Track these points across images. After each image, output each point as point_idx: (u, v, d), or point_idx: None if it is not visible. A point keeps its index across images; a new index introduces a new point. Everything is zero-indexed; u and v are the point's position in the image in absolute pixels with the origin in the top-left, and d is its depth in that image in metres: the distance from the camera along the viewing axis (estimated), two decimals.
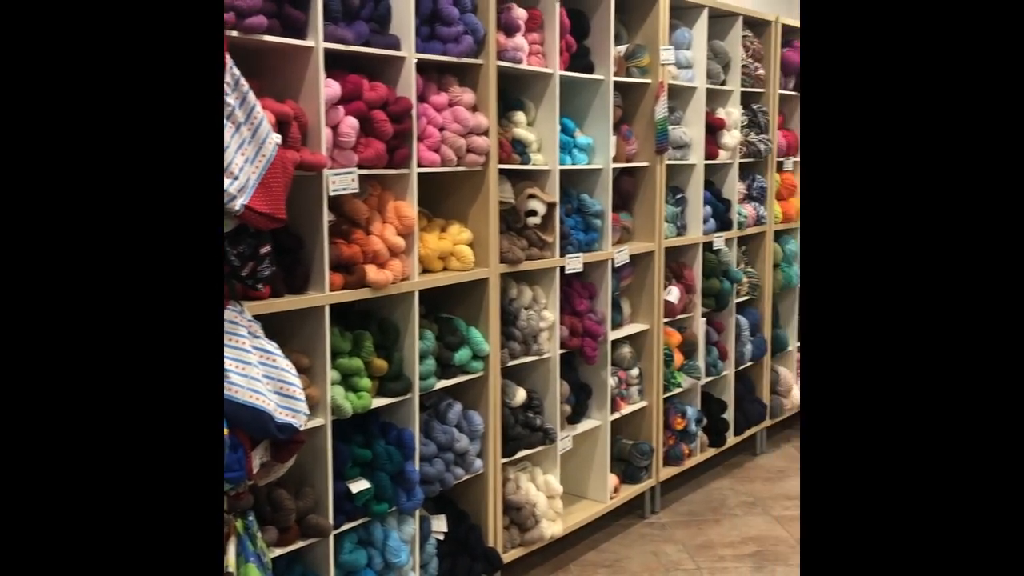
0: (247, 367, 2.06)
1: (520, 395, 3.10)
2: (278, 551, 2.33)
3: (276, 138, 2.13)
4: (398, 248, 2.58)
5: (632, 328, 3.68)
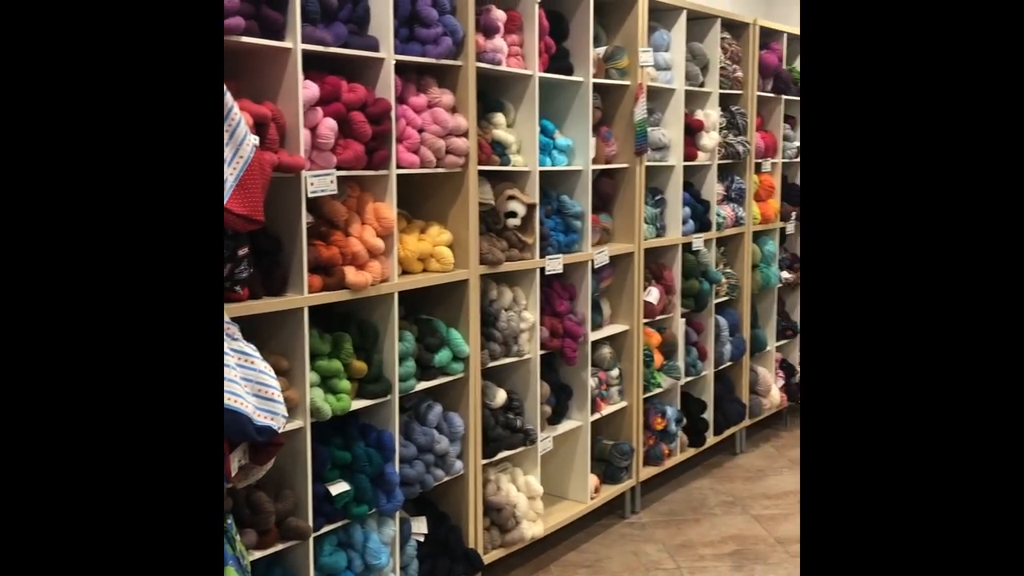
0: (225, 369, 2.05)
1: (500, 396, 3.10)
2: (257, 554, 2.32)
3: (254, 139, 2.13)
4: (377, 250, 2.58)
5: (612, 329, 3.69)
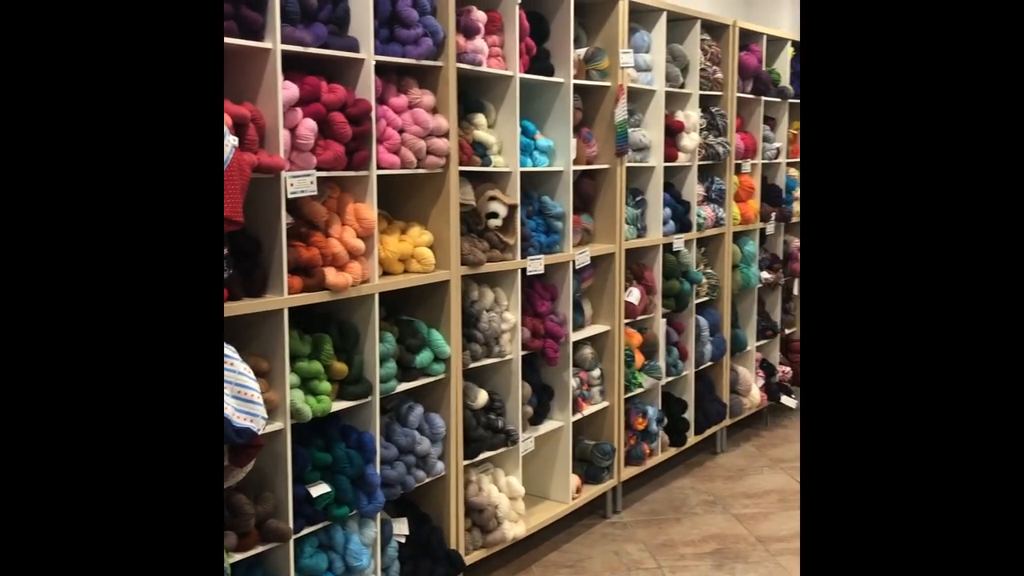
0: None
1: (482, 397, 3.10)
2: (237, 556, 2.31)
3: (233, 140, 2.12)
4: (358, 251, 2.57)
5: (593, 329, 3.70)
